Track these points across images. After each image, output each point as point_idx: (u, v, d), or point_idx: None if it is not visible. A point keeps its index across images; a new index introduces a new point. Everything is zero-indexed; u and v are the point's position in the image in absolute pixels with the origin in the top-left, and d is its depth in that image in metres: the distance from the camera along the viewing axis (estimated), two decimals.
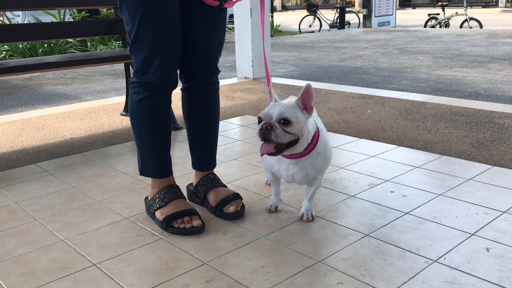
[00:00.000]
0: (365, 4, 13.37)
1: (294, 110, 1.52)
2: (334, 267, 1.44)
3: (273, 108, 1.53)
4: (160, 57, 1.60)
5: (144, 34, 1.58)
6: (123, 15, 1.62)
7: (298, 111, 1.53)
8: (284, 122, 1.49)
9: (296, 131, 1.51)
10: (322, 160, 1.67)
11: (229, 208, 1.78)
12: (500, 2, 22.60)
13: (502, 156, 2.36)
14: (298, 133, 1.52)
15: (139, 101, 1.67)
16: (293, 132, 1.51)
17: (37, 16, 8.85)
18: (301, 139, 1.54)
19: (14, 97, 4.84)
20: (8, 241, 1.68)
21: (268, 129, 1.49)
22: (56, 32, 3.30)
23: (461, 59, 6.30)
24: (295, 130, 1.51)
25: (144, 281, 1.41)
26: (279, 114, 1.50)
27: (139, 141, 1.73)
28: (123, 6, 1.60)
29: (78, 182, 2.22)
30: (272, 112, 1.52)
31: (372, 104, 3.62)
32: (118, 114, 3.58)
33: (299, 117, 1.52)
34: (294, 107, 1.53)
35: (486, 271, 1.39)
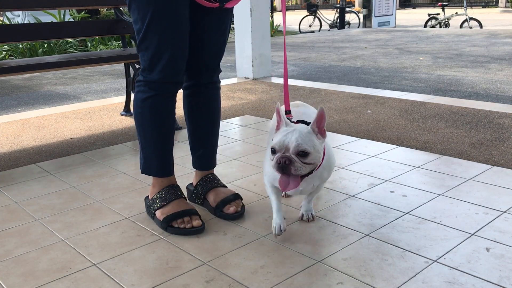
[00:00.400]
0: (365, 4, 13.37)
1: (310, 138, 1.43)
2: (334, 267, 1.44)
3: (288, 137, 1.42)
4: (167, 56, 1.61)
5: (152, 33, 1.59)
6: (132, 13, 1.62)
7: (314, 138, 1.44)
8: (302, 154, 1.40)
9: (315, 160, 1.44)
10: (328, 172, 1.63)
11: (229, 209, 1.78)
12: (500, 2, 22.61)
13: (502, 156, 2.36)
14: (316, 161, 1.45)
15: (144, 100, 1.68)
16: (312, 162, 1.43)
17: (37, 16, 8.85)
18: (318, 166, 1.48)
19: (14, 97, 4.84)
20: (8, 241, 1.68)
21: (287, 164, 1.40)
22: (56, 32, 3.30)
23: (461, 59, 6.30)
24: (314, 159, 1.43)
25: (144, 281, 1.41)
26: (296, 146, 1.40)
27: (142, 140, 1.74)
28: (132, 4, 1.60)
29: (78, 182, 2.22)
30: (288, 142, 1.41)
31: (372, 104, 3.62)
32: (118, 114, 3.58)
33: (315, 145, 1.43)
34: (310, 133, 1.44)
35: (486, 271, 1.39)
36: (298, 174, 1.42)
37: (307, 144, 1.40)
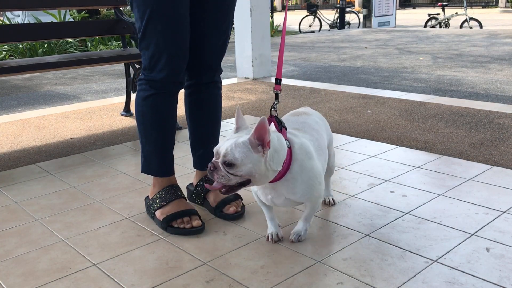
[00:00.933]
0: (365, 4, 13.37)
1: (243, 150, 1.32)
2: (334, 267, 1.44)
3: (223, 145, 1.36)
4: (166, 55, 1.61)
5: (151, 32, 1.59)
6: (134, 11, 1.64)
7: (248, 150, 1.32)
8: (227, 165, 1.33)
9: (243, 173, 1.33)
10: (303, 186, 1.45)
11: (229, 209, 1.78)
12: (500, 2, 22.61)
13: (502, 156, 2.36)
14: (246, 175, 1.34)
15: (145, 98, 1.68)
16: (238, 175, 1.33)
17: (37, 16, 8.85)
18: (253, 180, 1.36)
19: (14, 97, 4.84)
20: (8, 241, 1.68)
21: (212, 170, 1.35)
22: (56, 32, 3.30)
23: (461, 59, 6.30)
24: (242, 172, 1.33)
25: (144, 281, 1.41)
26: (223, 155, 1.33)
27: (143, 139, 1.74)
28: (133, 3, 1.61)
29: (78, 182, 2.22)
30: (220, 149, 1.36)
31: (372, 104, 3.62)
32: (118, 114, 3.58)
33: (249, 157, 1.32)
34: (245, 145, 1.33)
35: (486, 271, 1.39)
36: (222, 182, 1.35)
37: (236, 155, 1.32)
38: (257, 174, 1.34)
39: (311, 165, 1.47)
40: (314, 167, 1.48)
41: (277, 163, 1.38)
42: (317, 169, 1.49)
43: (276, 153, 1.38)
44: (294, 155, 1.44)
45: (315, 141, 1.56)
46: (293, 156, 1.44)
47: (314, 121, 1.66)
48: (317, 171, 1.49)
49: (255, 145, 1.33)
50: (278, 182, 1.44)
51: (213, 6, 1.71)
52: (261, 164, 1.34)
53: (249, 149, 1.33)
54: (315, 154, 1.51)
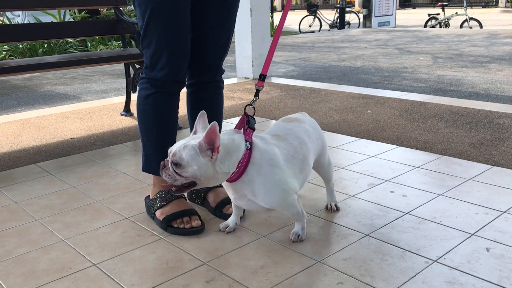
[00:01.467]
0: (365, 4, 13.37)
1: (190, 152, 1.36)
2: (334, 267, 1.44)
3: (175, 145, 1.41)
4: (166, 54, 1.61)
5: (152, 31, 1.60)
6: (136, 10, 1.65)
7: (196, 154, 1.36)
8: (175, 164, 1.38)
9: (188, 175, 1.38)
10: (262, 190, 1.45)
11: (229, 209, 1.78)
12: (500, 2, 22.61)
13: (502, 156, 2.36)
14: (190, 176, 1.38)
15: (146, 97, 1.68)
16: (184, 176, 1.38)
17: (37, 16, 8.85)
18: (199, 182, 1.40)
19: (14, 97, 4.84)
20: (8, 241, 1.68)
21: (162, 168, 1.41)
22: (56, 32, 3.30)
23: (461, 59, 6.31)
24: (187, 173, 1.37)
25: (144, 281, 1.41)
26: (172, 155, 1.39)
27: (144, 137, 1.74)
28: (135, 1, 1.62)
29: (78, 182, 2.22)
30: (172, 149, 1.41)
31: (372, 104, 3.62)
32: (118, 114, 3.58)
33: (195, 160, 1.36)
34: (193, 148, 1.37)
35: (486, 271, 1.39)
36: (169, 181, 1.40)
37: (183, 156, 1.36)
38: (202, 177, 1.38)
39: (271, 171, 1.46)
40: (275, 173, 1.46)
41: (229, 165, 1.41)
42: (278, 176, 1.47)
43: (228, 155, 1.40)
44: (252, 159, 1.44)
45: (291, 150, 1.55)
46: (251, 159, 1.44)
47: (303, 130, 1.64)
48: (278, 178, 1.47)
49: (205, 149, 1.36)
50: (237, 182, 1.46)
51: (216, 5, 1.72)
52: (207, 168, 1.37)
53: (196, 152, 1.36)
54: (283, 162, 1.50)
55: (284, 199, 1.49)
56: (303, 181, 1.61)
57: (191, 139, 1.41)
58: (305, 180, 1.63)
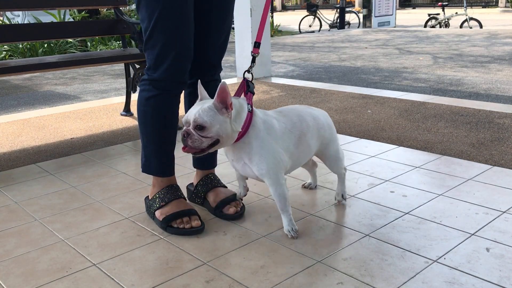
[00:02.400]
0: (365, 4, 13.37)
1: (209, 113, 1.46)
2: (334, 267, 1.44)
3: (190, 112, 1.50)
4: (173, 55, 1.61)
5: (159, 32, 1.59)
6: (140, 12, 1.63)
7: (215, 113, 1.46)
8: (199, 128, 1.46)
9: (213, 134, 1.47)
10: (257, 154, 1.54)
11: (229, 209, 1.78)
12: (500, 2, 22.60)
13: (502, 156, 2.36)
14: (215, 136, 1.48)
15: (148, 99, 1.68)
16: (209, 136, 1.47)
17: (37, 16, 8.85)
18: (222, 140, 1.49)
19: (14, 97, 4.84)
20: (8, 241, 1.68)
21: (185, 137, 1.48)
22: (56, 32, 3.30)
23: (461, 59, 6.31)
24: (212, 133, 1.47)
25: (144, 281, 1.41)
26: (193, 121, 1.47)
27: (144, 139, 1.74)
28: (141, 2, 1.61)
29: (78, 182, 2.22)
30: (189, 117, 1.49)
31: (372, 104, 3.62)
32: (118, 114, 3.58)
33: (216, 119, 1.46)
34: (211, 109, 1.47)
35: (486, 271, 1.39)
36: (196, 146, 1.49)
37: (205, 119, 1.45)
38: (223, 134, 1.48)
39: (267, 138, 1.56)
40: (270, 141, 1.56)
41: (239, 124, 1.52)
42: (273, 145, 1.56)
43: (238, 114, 1.52)
44: (253, 122, 1.55)
45: (289, 124, 1.64)
46: (252, 122, 1.55)
47: (308, 112, 1.72)
48: (272, 146, 1.56)
49: (220, 107, 1.47)
50: (237, 143, 1.55)
51: (217, 5, 1.72)
52: (227, 125, 1.48)
53: (215, 112, 1.47)
54: (279, 134, 1.60)
55: (274, 169, 1.56)
56: (298, 160, 1.67)
57: (202, 103, 1.50)
58: (300, 160, 1.69)
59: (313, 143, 1.70)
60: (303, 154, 1.68)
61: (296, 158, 1.65)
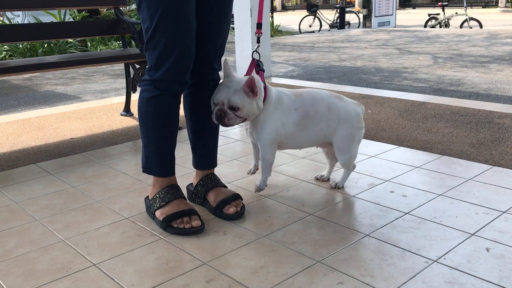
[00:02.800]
0: (365, 4, 13.37)
1: (240, 96, 1.71)
2: (334, 267, 1.44)
3: (223, 94, 1.73)
4: (175, 55, 1.61)
5: (161, 32, 1.59)
6: (141, 12, 1.63)
7: (245, 97, 1.71)
8: (233, 109, 1.72)
9: (243, 114, 1.74)
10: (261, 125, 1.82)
11: (229, 209, 1.78)
12: (500, 2, 22.60)
13: (502, 156, 2.36)
14: (248, 114, 1.75)
15: (149, 99, 1.68)
16: (241, 116, 1.74)
17: (37, 16, 8.85)
18: (249, 118, 1.77)
19: (14, 97, 4.84)
20: (8, 241, 1.68)
21: (222, 116, 1.73)
22: (56, 32, 3.30)
23: (461, 59, 6.31)
24: (243, 113, 1.74)
25: (144, 281, 1.41)
26: (228, 102, 1.72)
27: (145, 139, 1.74)
28: (142, 3, 1.60)
29: (78, 182, 2.22)
30: (223, 98, 1.72)
31: (372, 104, 3.62)
32: (118, 114, 3.58)
33: (246, 101, 1.72)
34: (242, 93, 1.71)
35: (486, 271, 1.39)
36: (231, 124, 1.75)
37: (237, 100, 1.71)
38: (250, 113, 1.75)
39: (272, 112, 1.82)
40: (272, 113, 1.82)
41: (261, 102, 1.77)
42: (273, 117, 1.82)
43: (260, 93, 1.76)
44: (266, 97, 1.80)
45: (297, 103, 1.86)
46: (265, 97, 1.80)
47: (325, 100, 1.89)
48: (272, 119, 1.82)
49: (247, 91, 1.71)
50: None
51: (216, 5, 1.73)
52: (253, 105, 1.74)
53: (244, 96, 1.72)
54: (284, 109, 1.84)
55: (268, 139, 1.83)
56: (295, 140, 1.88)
57: (230, 82, 1.73)
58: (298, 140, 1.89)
59: (318, 129, 1.87)
60: (303, 135, 1.87)
61: (293, 137, 1.87)
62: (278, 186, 2.08)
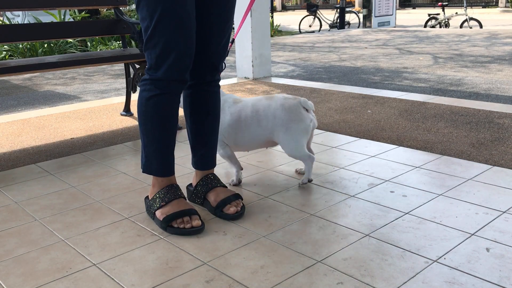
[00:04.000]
0: (365, 4, 13.37)
1: None
2: (334, 267, 1.44)
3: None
4: (174, 54, 1.61)
5: (161, 31, 1.59)
6: (140, 11, 1.62)
7: None
8: None
9: None
10: None
11: (229, 209, 1.78)
12: (500, 2, 22.60)
13: (502, 156, 2.36)
14: None
15: (149, 99, 1.68)
16: None
17: (37, 16, 8.85)
18: None
19: (14, 97, 4.84)
20: (8, 241, 1.68)
21: None
22: (56, 32, 3.30)
23: (461, 59, 6.31)
24: None
25: (144, 281, 1.41)
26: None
27: (144, 139, 1.74)
28: (141, 2, 1.60)
29: (78, 182, 2.22)
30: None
31: (372, 104, 3.62)
32: (118, 114, 3.58)
33: None
34: None
35: (486, 271, 1.39)
36: None
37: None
38: None
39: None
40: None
41: None
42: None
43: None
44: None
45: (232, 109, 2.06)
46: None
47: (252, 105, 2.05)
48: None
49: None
50: None
51: (218, 6, 1.72)
52: None
53: None
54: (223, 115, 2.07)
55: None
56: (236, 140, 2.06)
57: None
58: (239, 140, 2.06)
59: (253, 130, 2.03)
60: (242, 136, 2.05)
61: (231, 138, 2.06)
62: (278, 186, 2.08)
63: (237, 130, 2.04)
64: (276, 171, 2.25)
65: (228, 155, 2.09)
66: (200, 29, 1.72)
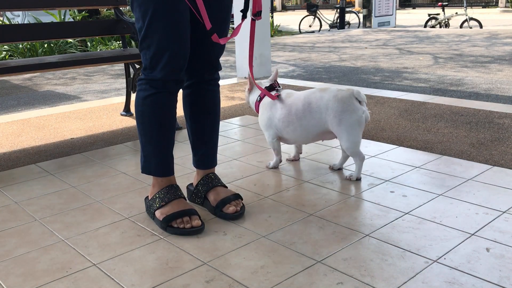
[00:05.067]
0: (365, 4, 13.37)
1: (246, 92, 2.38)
2: (334, 267, 1.44)
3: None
4: (168, 54, 1.61)
5: (154, 31, 1.59)
6: (134, 12, 1.63)
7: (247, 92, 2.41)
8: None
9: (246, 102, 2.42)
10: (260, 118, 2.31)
11: (229, 208, 1.78)
12: (500, 2, 22.60)
13: (502, 156, 2.36)
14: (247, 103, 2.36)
15: (145, 98, 1.68)
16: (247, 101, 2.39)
17: (37, 16, 8.85)
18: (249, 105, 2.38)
19: (14, 97, 4.84)
20: (8, 241, 1.68)
21: None
22: (56, 32, 3.30)
23: (461, 59, 6.31)
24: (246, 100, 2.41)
25: (144, 281, 1.41)
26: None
27: (143, 139, 1.74)
28: (134, 2, 1.61)
29: (78, 182, 2.22)
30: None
31: (372, 104, 3.62)
32: (118, 114, 3.58)
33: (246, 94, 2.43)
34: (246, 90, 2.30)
35: (486, 271, 1.39)
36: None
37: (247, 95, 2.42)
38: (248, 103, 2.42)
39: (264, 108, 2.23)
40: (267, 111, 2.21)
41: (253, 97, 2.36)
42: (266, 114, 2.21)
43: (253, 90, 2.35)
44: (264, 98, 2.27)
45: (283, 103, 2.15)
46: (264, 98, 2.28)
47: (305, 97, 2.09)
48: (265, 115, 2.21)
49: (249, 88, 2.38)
50: None
51: (215, 4, 1.72)
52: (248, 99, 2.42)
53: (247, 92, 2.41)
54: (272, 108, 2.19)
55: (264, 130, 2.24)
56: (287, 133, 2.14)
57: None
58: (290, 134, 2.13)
59: (306, 123, 2.06)
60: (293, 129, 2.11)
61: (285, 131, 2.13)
62: (278, 186, 2.08)
63: (289, 123, 2.11)
64: (276, 171, 2.25)
65: (274, 147, 2.24)
66: (198, 28, 1.72)
